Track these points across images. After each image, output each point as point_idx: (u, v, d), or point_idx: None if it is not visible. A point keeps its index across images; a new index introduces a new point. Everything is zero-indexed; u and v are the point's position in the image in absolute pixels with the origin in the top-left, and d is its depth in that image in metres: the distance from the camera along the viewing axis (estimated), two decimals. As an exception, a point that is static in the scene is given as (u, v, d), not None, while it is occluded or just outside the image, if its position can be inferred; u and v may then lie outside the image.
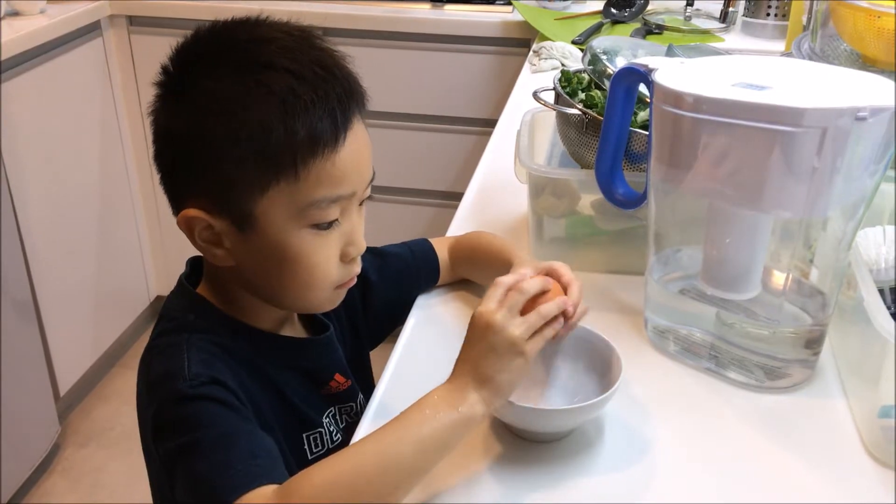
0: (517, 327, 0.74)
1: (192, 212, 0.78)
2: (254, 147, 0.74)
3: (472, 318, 0.75)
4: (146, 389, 0.80)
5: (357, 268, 0.85)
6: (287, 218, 0.77)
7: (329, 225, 0.79)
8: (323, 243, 0.79)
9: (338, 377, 0.92)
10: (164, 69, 0.80)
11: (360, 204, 0.83)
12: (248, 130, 0.74)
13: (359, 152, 0.79)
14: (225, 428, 0.73)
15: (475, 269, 1.06)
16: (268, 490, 0.69)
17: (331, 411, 0.92)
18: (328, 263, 0.81)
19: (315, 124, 0.75)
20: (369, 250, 1.02)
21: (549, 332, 0.76)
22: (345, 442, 0.91)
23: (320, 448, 0.90)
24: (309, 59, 0.76)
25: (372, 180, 0.82)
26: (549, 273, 0.84)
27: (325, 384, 0.91)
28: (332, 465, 0.69)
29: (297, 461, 0.86)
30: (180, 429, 0.74)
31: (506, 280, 0.77)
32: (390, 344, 1.00)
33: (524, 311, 0.76)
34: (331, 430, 0.91)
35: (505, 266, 0.95)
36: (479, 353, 0.73)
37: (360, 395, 0.96)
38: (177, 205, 0.80)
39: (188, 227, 0.79)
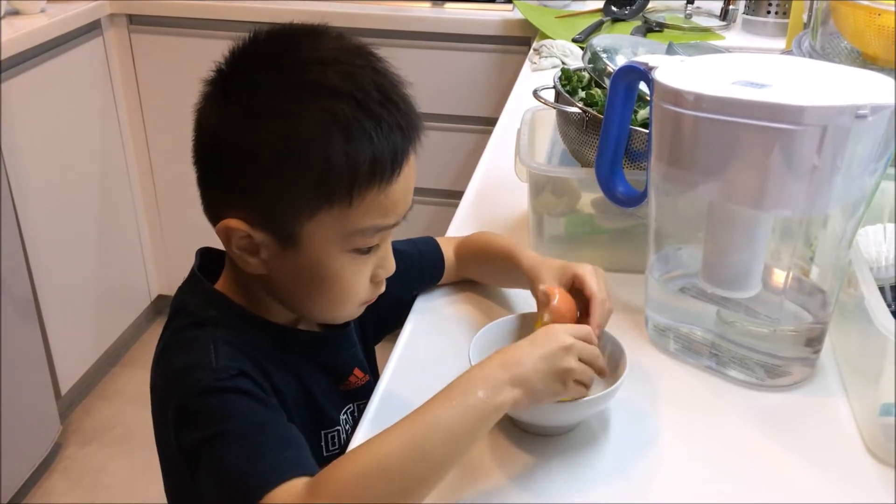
0: (575, 360, 0.76)
1: (234, 223, 0.77)
2: (313, 173, 0.74)
3: (553, 327, 0.78)
4: (166, 383, 0.79)
5: (382, 287, 0.85)
6: (331, 241, 0.77)
7: (368, 250, 0.80)
8: (360, 268, 0.80)
9: (357, 372, 0.92)
10: (219, 71, 0.78)
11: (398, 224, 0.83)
12: (309, 155, 0.73)
13: (409, 183, 0.80)
14: (253, 419, 0.73)
15: (482, 269, 1.05)
16: (298, 483, 0.68)
17: (349, 408, 0.92)
18: (361, 285, 0.82)
19: (377, 155, 0.75)
20: None
21: (582, 390, 0.78)
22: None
23: (336, 447, 0.90)
24: (372, 85, 0.76)
25: (411, 207, 0.82)
26: (575, 282, 0.88)
27: (344, 379, 0.91)
28: (361, 460, 0.68)
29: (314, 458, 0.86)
30: (207, 421, 0.73)
31: (598, 326, 0.84)
32: (390, 342, 1.00)
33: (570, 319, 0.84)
34: (347, 427, 0.91)
35: (511, 264, 0.95)
36: (535, 354, 0.74)
37: None
38: (213, 206, 0.80)
39: (226, 235, 0.78)
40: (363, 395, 0.93)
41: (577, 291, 0.89)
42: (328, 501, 0.65)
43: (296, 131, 0.73)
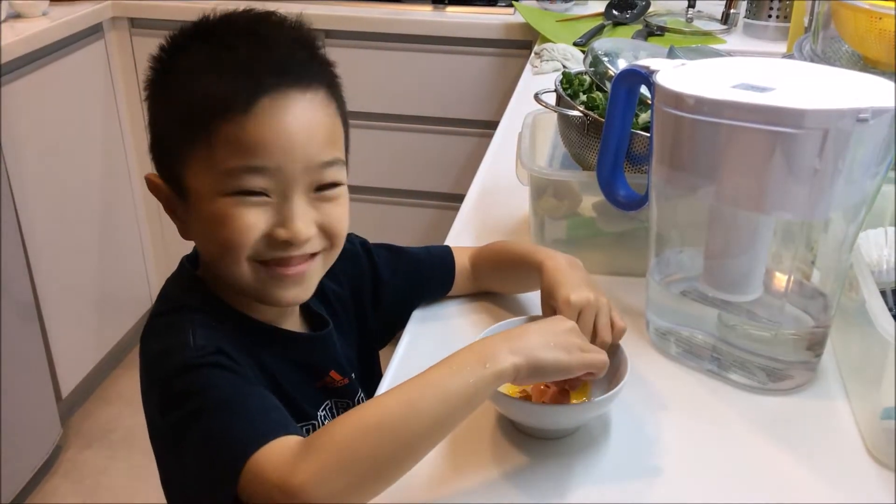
0: (580, 338, 0.78)
1: (150, 175, 0.83)
2: (175, 110, 0.78)
3: (557, 316, 0.81)
4: (148, 367, 0.80)
5: (287, 251, 0.79)
6: (207, 185, 0.77)
7: (253, 195, 0.76)
8: (243, 213, 0.76)
9: (333, 374, 0.91)
10: (150, 68, 0.83)
11: (320, 191, 0.79)
12: (172, 92, 0.78)
13: (285, 124, 0.75)
14: (233, 389, 0.73)
15: (501, 275, 1.04)
16: (290, 441, 0.68)
17: (327, 404, 0.92)
18: (248, 235, 0.77)
19: (223, 85, 0.75)
20: (385, 247, 1.01)
21: (595, 359, 0.77)
22: None
23: None
24: (245, 25, 0.79)
25: (326, 166, 0.78)
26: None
27: (320, 379, 0.91)
28: (357, 416, 0.69)
29: None
30: (189, 396, 0.73)
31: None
32: (391, 345, 1.00)
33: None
34: (325, 423, 0.90)
35: (534, 267, 0.94)
36: (539, 329, 0.76)
37: (361, 393, 0.95)
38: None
39: (156, 192, 0.83)
40: (344, 394, 0.93)
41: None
42: (326, 455, 0.66)
43: (167, 71, 0.79)
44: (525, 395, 0.85)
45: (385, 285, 1.00)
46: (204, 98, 0.75)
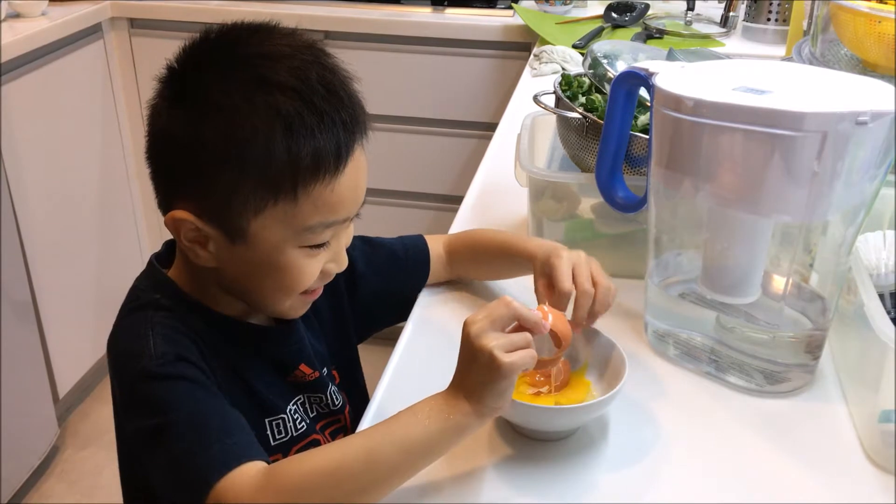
0: (493, 339, 0.71)
1: (181, 213, 0.78)
2: (256, 168, 0.75)
3: (465, 322, 0.74)
4: (113, 366, 0.82)
5: (330, 279, 0.86)
6: (281, 238, 0.78)
7: (320, 245, 0.80)
8: (311, 262, 0.81)
9: (303, 367, 0.92)
10: (170, 68, 0.79)
11: (349, 220, 0.83)
12: (250, 151, 0.74)
13: (357, 179, 0.80)
14: (196, 406, 0.74)
15: (476, 263, 1.05)
16: (252, 468, 0.70)
17: (298, 399, 0.92)
18: (311, 278, 0.82)
19: (319, 150, 0.75)
20: (360, 238, 1.02)
21: (525, 355, 0.71)
22: (309, 430, 0.91)
23: (283, 434, 0.89)
24: (317, 81, 0.76)
25: (363, 202, 0.83)
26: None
27: (289, 373, 0.91)
28: (321, 454, 0.71)
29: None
30: (151, 409, 0.75)
31: (508, 298, 0.74)
32: (389, 347, 1.00)
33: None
34: (295, 417, 0.90)
35: (511, 252, 0.96)
36: (464, 363, 0.73)
37: (333, 387, 0.95)
38: (165, 201, 0.81)
39: (175, 227, 0.80)
40: (314, 389, 0.93)
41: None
42: (281, 493, 0.68)
43: (238, 126, 0.74)
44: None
45: (361, 278, 1.00)
46: (294, 161, 0.74)
